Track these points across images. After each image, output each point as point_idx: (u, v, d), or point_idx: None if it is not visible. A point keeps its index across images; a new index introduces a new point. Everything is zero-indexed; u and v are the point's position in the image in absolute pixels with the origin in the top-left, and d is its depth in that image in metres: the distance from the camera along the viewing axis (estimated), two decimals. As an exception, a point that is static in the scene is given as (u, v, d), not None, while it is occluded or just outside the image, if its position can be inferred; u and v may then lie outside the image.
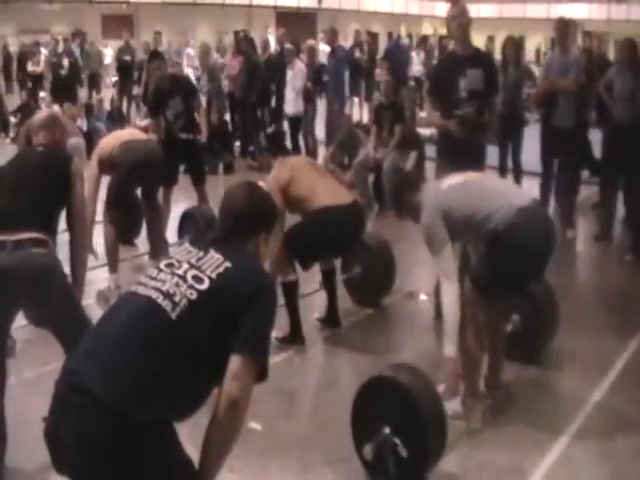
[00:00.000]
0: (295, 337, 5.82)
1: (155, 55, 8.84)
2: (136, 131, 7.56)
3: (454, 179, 4.72)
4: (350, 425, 4.24)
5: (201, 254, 2.81)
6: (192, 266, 2.76)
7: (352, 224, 5.92)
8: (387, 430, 4.02)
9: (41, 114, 4.95)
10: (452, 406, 4.69)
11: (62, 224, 4.43)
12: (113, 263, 6.87)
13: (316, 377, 5.76)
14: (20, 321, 6.21)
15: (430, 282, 6.46)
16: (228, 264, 2.76)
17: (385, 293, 6.68)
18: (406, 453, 3.96)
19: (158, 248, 7.28)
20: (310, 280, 6.41)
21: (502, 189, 4.75)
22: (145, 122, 14.04)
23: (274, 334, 5.65)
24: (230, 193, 3.07)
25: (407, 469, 3.97)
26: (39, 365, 5.39)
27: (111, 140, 7.14)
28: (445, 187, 4.65)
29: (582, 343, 5.90)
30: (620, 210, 8.88)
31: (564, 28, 8.84)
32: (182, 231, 7.93)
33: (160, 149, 7.33)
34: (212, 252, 2.81)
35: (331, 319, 6.17)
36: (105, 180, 7.09)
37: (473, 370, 4.72)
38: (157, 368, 2.56)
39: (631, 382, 5.37)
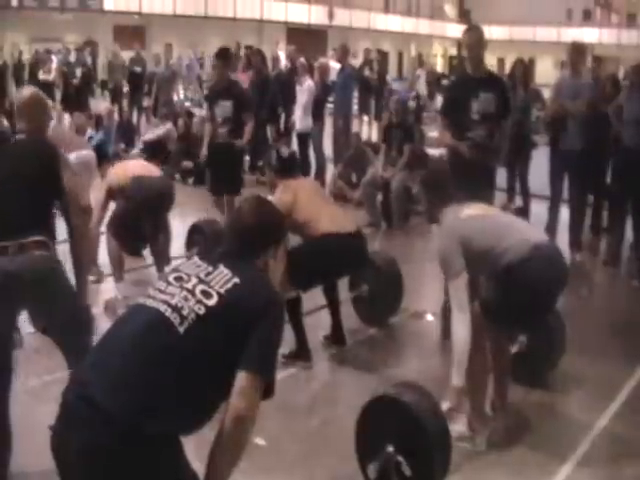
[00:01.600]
0: (301, 353, 5.81)
1: (220, 54, 8.85)
2: (149, 166, 7.51)
3: (473, 210, 4.71)
4: (354, 443, 4.23)
5: (210, 269, 2.81)
6: (201, 281, 2.76)
7: (353, 252, 5.90)
8: (391, 449, 4.01)
9: (24, 92, 4.64)
10: (457, 428, 4.68)
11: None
12: (118, 272, 6.87)
13: (322, 394, 5.75)
14: (26, 329, 6.26)
15: (437, 302, 6.46)
16: (237, 280, 2.76)
17: (392, 311, 6.67)
18: (410, 472, 3.95)
19: (163, 262, 7.24)
20: (314, 298, 6.39)
21: (519, 226, 4.77)
22: (156, 133, 14.12)
23: (280, 351, 5.64)
24: (238, 209, 3.09)
25: None
26: (45, 373, 5.38)
27: (122, 171, 7.15)
28: (464, 216, 4.64)
29: (589, 368, 5.88)
30: (629, 235, 8.87)
31: (577, 52, 8.86)
32: (190, 245, 7.93)
33: (172, 185, 7.40)
34: (221, 267, 2.81)
35: (336, 337, 6.16)
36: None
37: (478, 392, 4.71)
38: (163, 382, 2.56)
39: (637, 408, 5.35)
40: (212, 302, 2.69)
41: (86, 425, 2.52)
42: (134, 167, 7.32)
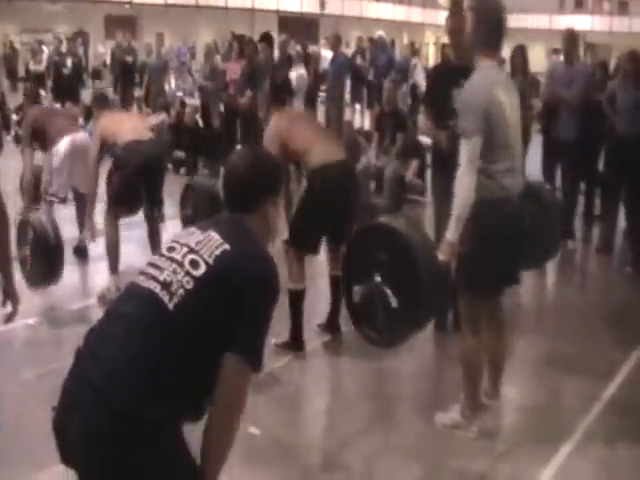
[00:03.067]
0: (294, 344, 5.81)
1: (264, 38, 9.15)
2: (140, 125, 7.41)
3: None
4: (342, 266, 4.13)
5: (201, 237, 2.72)
6: (191, 250, 2.68)
7: (349, 178, 5.96)
8: (378, 278, 3.93)
9: None
10: (451, 416, 4.70)
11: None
12: (114, 264, 6.82)
13: (315, 383, 5.74)
14: (19, 321, 6.25)
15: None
16: (227, 246, 2.66)
17: None
18: (396, 304, 3.87)
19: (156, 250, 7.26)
20: (312, 285, 6.40)
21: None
22: (150, 122, 14.07)
23: (273, 340, 5.65)
24: (229, 163, 2.96)
25: (396, 320, 3.89)
26: (39, 366, 5.37)
27: (114, 125, 7.07)
28: (499, 99, 4.42)
29: (583, 354, 5.90)
30: (621, 222, 8.89)
31: (572, 39, 8.84)
32: (184, 203, 7.92)
33: (164, 149, 7.36)
34: (212, 233, 2.72)
35: (332, 325, 6.15)
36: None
37: (473, 380, 4.70)
38: (160, 363, 2.54)
39: (632, 394, 5.37)
40: (200, 272, 2.61)
41: (85, 408, 2.51)
42: (126, 129, 7.09)
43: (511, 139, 4.47)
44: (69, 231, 7.87)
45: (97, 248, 7.36)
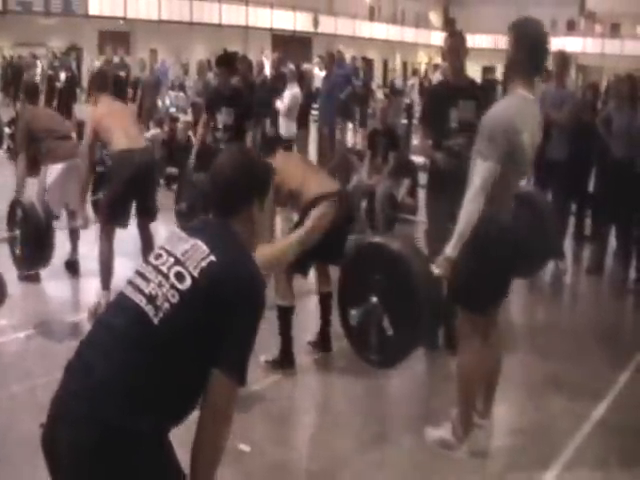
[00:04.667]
0: (284, 361, 5.80)
1: (222, 61, 8.81)
2: (133, 130, 7.27)
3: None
4: (337, 290, 4.12)
5: (188, 245, 2.68)
6: (177, 261, 2.66)
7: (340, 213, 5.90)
8: (375, 299, 3.92)
9: None
10: (441, 434, 4.69)
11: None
12: (106, 280, 6.76)
13: (306, 400, 5.74)
14: (10, 334, 6.25)
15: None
16: (213, 257, 2.63)
17: None
18: (391, 332, 3.86)
19: None
20: (302, 302, 6.40)
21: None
22: (151, 133, 14.11)
23: (263, 357, 5.65)
24: (216, 163, 2.88)
25: (390, 344, 3.88)
26: (29, 379, 5.35)
27: (109, 120, 6.88)
28: (519, 127, 4.35)
29: (572, 375, 5.91)
30: (612, 243, 8.94)
31: (562, 62, 8.90)
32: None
33: (154, 159, 7.28)
34: (199, 242, 2.68)
35: (322, 343, 6.15)
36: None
37: (467, 399, 4.70)
38: (146, 376, 2.54)
39: (622, 414, 5.38)
40: (185, 286, 2.59)
41: (75, 420, 2.51)
42: (119, 131, 6.88)
43: (522, 175, 4.46)
44: (61, 247, 7.87)
45: (88, 263, 7.34)
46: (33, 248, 6.50)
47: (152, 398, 2.54)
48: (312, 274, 6.18)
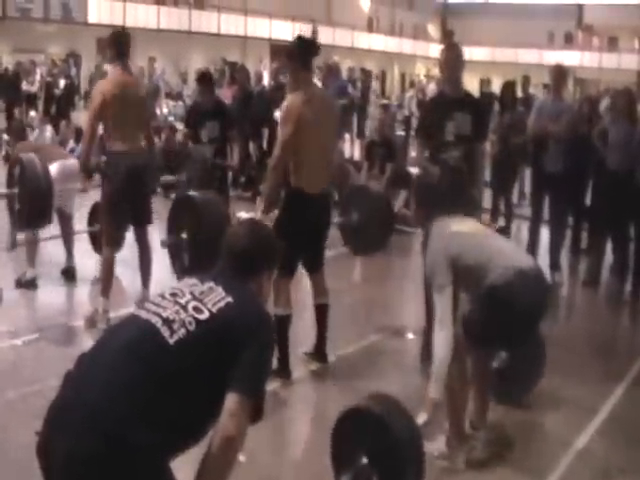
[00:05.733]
0: (281, 371, 5.79)
1: (202, 79, 8.84)
2: (134, 132, 6.90)
3: (463, 226, 4.72)
4: (330, 454, 4.20)
5: (204, 288, 2.83)
6: (194, 298, 2.78)
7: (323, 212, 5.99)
8: (365, 461, 3.98)
9: None
10: (436, 446, 4.69)
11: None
12: (106, 288, 6.69)
13: (302, 410, 5.74)
14: (6, 340, 6.24)
15: (417, 320, 6.48)
16: (230, 299, 2.78)
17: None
18: None
19: (149, 279, 7.07)
20: (298, 313, 6.40)
21: (507, 248, 4.78)
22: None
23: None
24: (233, 232, 3.14)
25: None
26: (23, 385, 5.34)
27: (112, 96, 6.55)
28: (453, 231, 4.64)
29: (568, 388, 5.90)
30: (608, 256, 8.95)
31: (560, 75, 8.94)
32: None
33: (151, 162, 7.19)
34: (215, 286, 2.84)
35: (318, 354, 6.15)
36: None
37: (458, 410, 4.71)
38: (151, 394, 2.56)
39: (616, 428, 5.38)
40: (203, 317, 2.71)
41: (72, 431, 2.52)
42: (122, 128, 6.66)
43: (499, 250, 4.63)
44: (57, 254, 7.88)
45: (84, 270, 7.33)
46: (32, 206, 6.37)
47: (154, 415, 2.56)
48: (308, 285, 6.19)
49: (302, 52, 5.85)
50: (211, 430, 2.70)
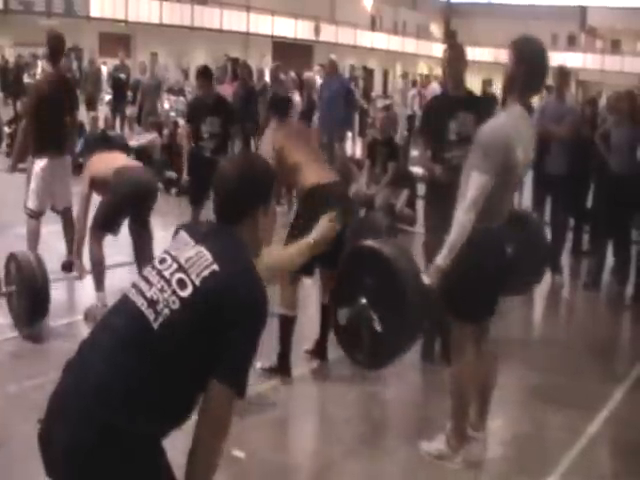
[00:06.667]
0: (281, 369, 5.79)
1: (202, 73, 8.83)
2: (130, 160, 7.44)
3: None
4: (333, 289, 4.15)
5: (192, 253, 2.67)
6: (180, 267, 2.65)
7: (339, 198, 5.87)
8: (364, 300, 3.95)
9: None
10: (435, 446, 4.69)
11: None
12: (100, 281, 6.76)
13: (301, 408, 5.73)
14: (6, 333, 6.24)
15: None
16: (216, 267, 2.61)
17: None
18: (380, 329, 3.88)
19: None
20: (300, 310, 6.40)
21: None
22: (141, 141, 14.10)
23: (260, 364, 5.63)
24: (220, 171, 2.87)
25: (380, 343, 3.90)
26: (24, 379, 5.34)
27: (104, 162, 7.01)
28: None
29: (569, 388, 5.91)
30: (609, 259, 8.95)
31: (563, 76, 8.93)
32: None
33: (155, 180, 7.30)
34: (203, 249, 2.66)
35: (319, 350, 6.14)
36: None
37: (461, 411, 4.70)
38: (142, 379, 2.54)
39: (616, 429, 5.40)
40: (186, 293, 2.59)
41: (73, 420, 2.52)
42: (115, 158, 7.17)
43: (513, 190, 4.51)
44: (57, 247, 7.87)
45: (85, 264, 7.30)
46: (29, 306, 6.34)
47: (149, 401, 2.54)
48: (313, 281, 6.19)
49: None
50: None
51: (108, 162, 6.98)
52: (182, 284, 2.60)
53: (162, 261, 2.73)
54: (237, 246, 2.73)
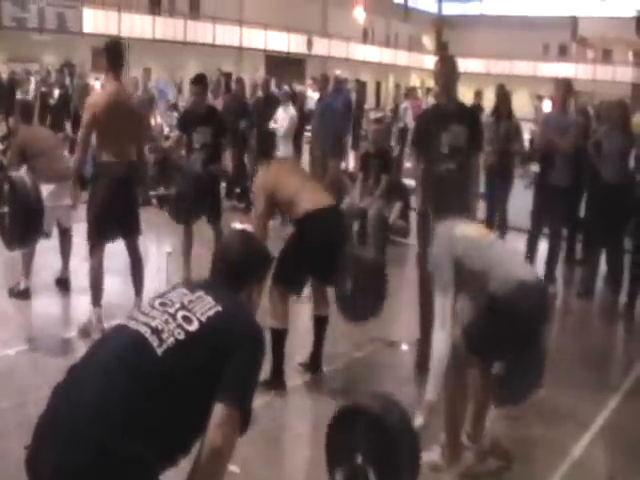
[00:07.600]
0: (276, 382, 5.78)
1: (197, 80, 8.76)
2: (124, 147, 6.87)
3: (467, 229, 4.73)
4: (325, 450, 4.16)
5: (193, 297, 2.83)
6: (183, 307, 2.77)
7: (334, 224, 5.97)
8: (360, 458, 3.96)
9: None
10: (430, 457, 4.68)
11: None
12: (97, 296, 6.70)
13: (296, 421, 5.72)
14: (2, 350, 6.22)
15: (412, 332, 6.46)
16: (219, 308, 2.78)
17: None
18: None
19: (142, 289, 7.03)
20: (293, 323, 6.39)
21: (511, 258, 4.78)
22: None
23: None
24: (224, 243, 3.18)
25: None
26: (16, 395, 5.33)
27: (106, 109, 6.60)
28: (458, 234, 4.64)
29: (563, 398, 5.91)
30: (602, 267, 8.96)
31: (565, 88, 8.97)
32: None
33: (140, 174, 7.14)
34: (204, 295, 2.83)
35: (313, 364, 6.14)
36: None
37: (455, 421, 4.70)
38: (139, 404, 2.55)
39: (610, 438, 5.39)
40: (192, 328, 2.70)
41: (61, 445, 2.50)
42: (111, 142, 6.71)
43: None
44: (51, 263, 7.86)
45: (79, 280, 7.30)
46: (20, 227, 6.30)
47: (143, 427, 2.54)
48: (306, 295, 6.19)
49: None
50: (199, 442, 2.69)
51: (108, 110, 6.61)
52: (187, 320, 2.72)
53: (162, 304, 2.83)
54: (233, 295, 2.97)
